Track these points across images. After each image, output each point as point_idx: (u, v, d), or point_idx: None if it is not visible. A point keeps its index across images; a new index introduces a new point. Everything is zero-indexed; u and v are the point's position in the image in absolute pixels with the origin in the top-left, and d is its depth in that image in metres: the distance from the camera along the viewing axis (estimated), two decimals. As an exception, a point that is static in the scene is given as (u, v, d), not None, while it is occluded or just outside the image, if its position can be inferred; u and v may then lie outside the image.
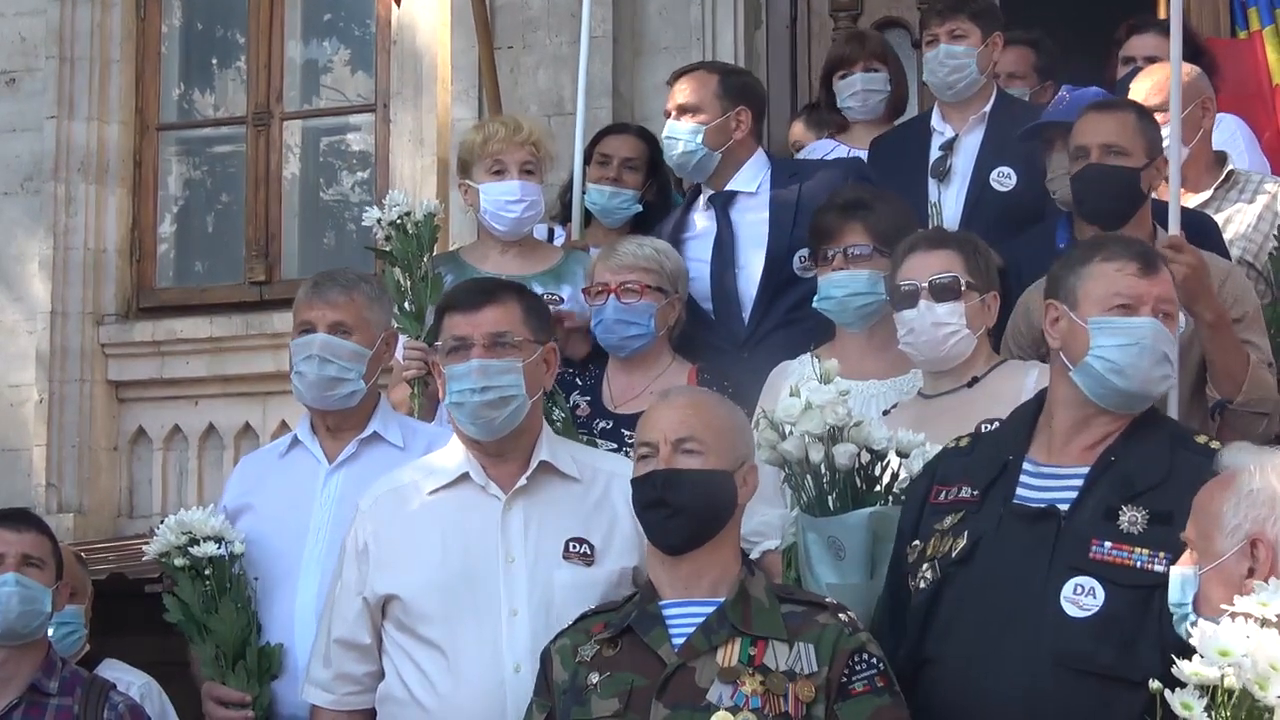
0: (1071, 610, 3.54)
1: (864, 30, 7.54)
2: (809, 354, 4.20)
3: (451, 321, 4.15)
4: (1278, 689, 2.84)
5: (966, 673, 3.60)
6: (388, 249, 5.27)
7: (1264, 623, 2.90)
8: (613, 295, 5.02)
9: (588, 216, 5.98)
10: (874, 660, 3.57)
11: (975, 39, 5.78)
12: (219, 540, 4.43)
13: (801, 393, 3.98)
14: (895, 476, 4.02)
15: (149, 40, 8.77)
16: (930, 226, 5.41)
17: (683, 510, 3.66)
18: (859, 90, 6.56)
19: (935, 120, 5.90)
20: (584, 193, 5.92)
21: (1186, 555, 3.30)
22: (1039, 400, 3.89)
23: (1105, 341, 3.72)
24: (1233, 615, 2.92)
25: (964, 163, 5.77)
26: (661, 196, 6.01)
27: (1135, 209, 4.83)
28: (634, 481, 3.76)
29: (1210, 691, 2.86)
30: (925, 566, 3.73)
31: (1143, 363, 3.71)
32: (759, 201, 5.46)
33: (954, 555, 3.69)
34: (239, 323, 8.35)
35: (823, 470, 3.97)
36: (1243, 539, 3.20)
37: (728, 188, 5.48)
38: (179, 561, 4.42)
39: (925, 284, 4.42)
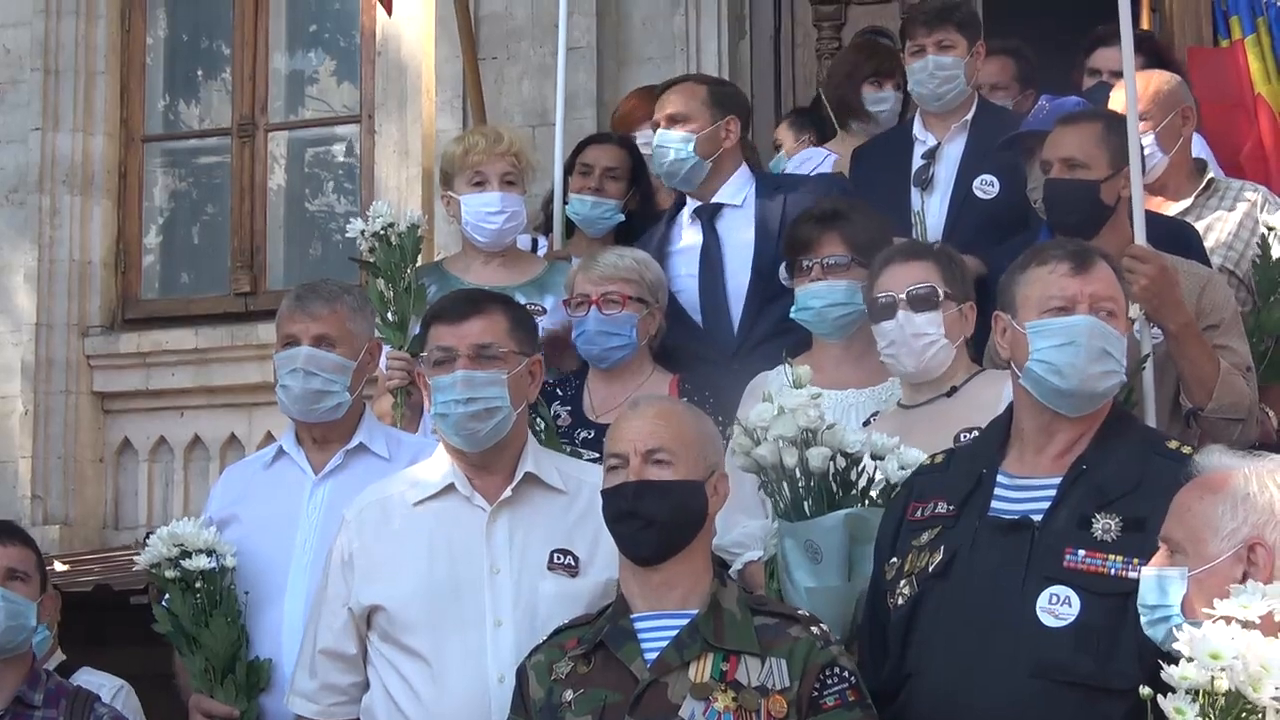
0: (1048, 620, 3.53)
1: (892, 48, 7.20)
2: (784, 364, 4.22)
3: (437, 332, 4.14)
4: (1270, 690, 2.83)
5: (947, 686, 3.59)
6: (371, 260, 5.28)
7: (1246, 624, 2.89)
8: (594, 306, 5.02)
9: (570, 226, 5.99)
10: (845, 674, 3.57)
11: (962, 49, 5.74)
12: (210, 553, 4.41)
13: (774, 398, 3.99)
14: (871, 480, 4.02)
15: (134, 52, 8.78)
16: (914, 236, 5.43)
17: (654, 521, 3.66)
18: (889, 107, 6.59)
19: (917, 129, 5.87)
20: (565, 203, 5.93)
21: (1160, 556, 3.27)
22: (1011, 412, 3.88)
23: (1042, 344, 3.73)
24: (1214, 619, 2.91)
25: (946, 171, 5.75)
26: (644, 206, 6.01)
27: (1100, 219, 4.84)
28: (604, 493, 3.76)
29: (1197, 695, 2.85)
30: (903, 583, 3.72)
31: (1079, 361, 3.70)
32: (744, 214, 5.48)
33: (931, 570, 3.68)
34: (224, 333, 8.36)
35: (797, 475, 3.97)
36: (1240, 543, 3.17)
37: (714, 200, 5.50)
38: (170, 573, 4.41)
39: (903, 295, 4.44)
